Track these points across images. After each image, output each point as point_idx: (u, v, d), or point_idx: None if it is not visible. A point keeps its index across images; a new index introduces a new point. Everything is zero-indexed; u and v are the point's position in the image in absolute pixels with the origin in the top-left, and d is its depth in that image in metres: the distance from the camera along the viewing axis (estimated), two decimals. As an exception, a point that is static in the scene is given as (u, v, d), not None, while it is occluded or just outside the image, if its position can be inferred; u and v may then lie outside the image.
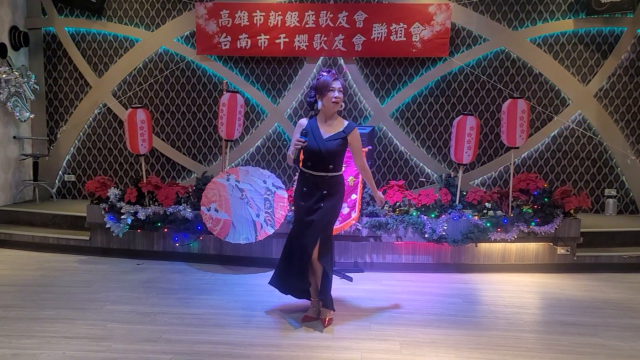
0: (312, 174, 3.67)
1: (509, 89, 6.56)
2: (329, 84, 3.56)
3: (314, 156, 3.63)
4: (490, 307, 4.24)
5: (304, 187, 3.72)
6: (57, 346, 3.37)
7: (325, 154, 3.61)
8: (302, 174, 3.76)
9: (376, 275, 5.06)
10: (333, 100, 3.57)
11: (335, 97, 3.57)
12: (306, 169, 3.70)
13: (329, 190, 3.69)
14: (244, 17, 6.51)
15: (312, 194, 3.69)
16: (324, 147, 3.60)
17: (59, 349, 3.32)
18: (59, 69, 7.02)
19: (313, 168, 3.66)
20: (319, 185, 3.68)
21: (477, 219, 5.13)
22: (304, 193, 3.72)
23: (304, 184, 3.73)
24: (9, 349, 3.32)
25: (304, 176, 3.73)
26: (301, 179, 3.77)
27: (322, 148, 3.60)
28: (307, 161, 3.68)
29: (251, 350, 3.37)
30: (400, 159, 6.80)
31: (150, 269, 5.18)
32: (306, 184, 3.72)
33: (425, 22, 6.37)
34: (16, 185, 6.77)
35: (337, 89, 3.57)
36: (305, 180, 3.72)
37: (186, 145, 6.99)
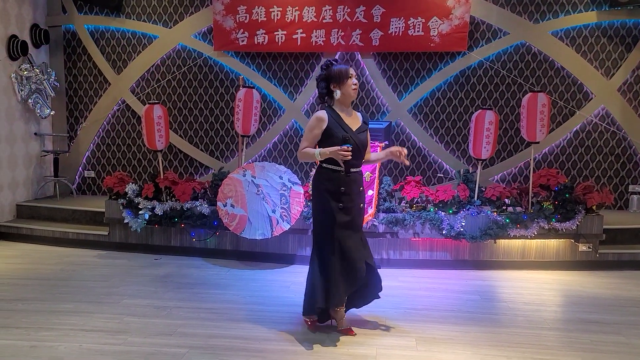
0: (349, 171, 3.38)
1: (529, 83, 6.44)
2: (348, 71, 3.39)
3: (352, 152, 3.27)
4: (509, 305, 4.16)
5: (340, 187, 3.35)
6: (74, 339, 3.40)
7: (361, 147, 3.41)
8: (333, 173, 3.37)
9: (393, 272, 5.01)
10: (353, 88, 3.41)
11: (355, 84, 3.41)
12: (340, 166, 3.35)
13: (362, 186, 3.51)
14: (261, 12, 6.50)
15: (350, 193, 3.38)
16: (359, 141, 3.38)
17: (76, 342, 3.35)
18: (78, 66, 7.10)
19: (349, 165, 3.35)
20: (356, 182, 3.43)
21: (496, 215, 5.04)
22: (342, 193, 3.35)
23: (340, 184, 3.35)
24: (28, 341, 3.36)
25: (337, 175, 3.36)
26: (333, 179, 3.37)
27: (357, 143, 3.35)
28: None
29: (266, 344, 3.36)
30: (418, 155, 6.73)
31: (167, 264, 5.21)
32: (342, 183, 3.35)
33: (444, 16, 6.28)
34: (37, 181, 6.87)
35: (354, 75, 3.43)
36: (341, 179, 3.36)
37: (203, 141, 7.02)
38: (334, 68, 3.41)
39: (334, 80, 3.41)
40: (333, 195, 3.37)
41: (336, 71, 3.39)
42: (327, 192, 3.39)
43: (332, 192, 3.37)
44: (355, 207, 3.43)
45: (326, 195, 3.39)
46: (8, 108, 6.30)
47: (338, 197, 3.36)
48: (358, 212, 3.47)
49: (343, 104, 3.46)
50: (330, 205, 3.37)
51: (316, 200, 3.48)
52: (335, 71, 3.39)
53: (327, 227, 3.40)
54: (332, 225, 3.37)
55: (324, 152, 3.29)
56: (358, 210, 3.47)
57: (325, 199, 3.39)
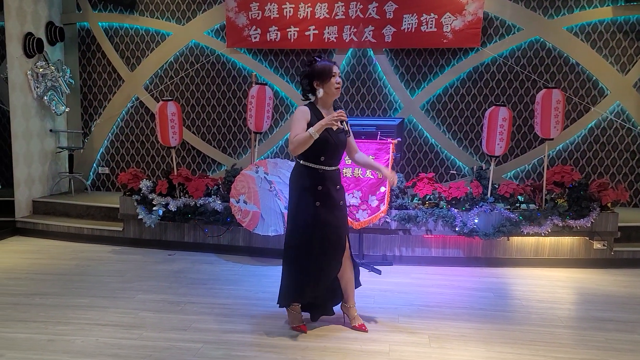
0: (326, 169, 3.38)
1: (543, 79, 6.38)
2: (331, 69, 3.32)
3: (329, 150, 3.34)
4: (522, 302, 4.15)
5: (318, 186, 3.35)
6: (90, 333, 3.44)
7: (340, 147, 3.42)
8: (311, 171, 3.36)
9: (405, 269, 5.02)
10: (336, 87, 3.35)
11: (337, 83, 3.34)
12: (318, 164, 3.35)
13: (340, 184, 3.51)
14: (273, 9, 6.51)
15: (328, 191, 3.38)
16: (338, 141, 3.38)
17: (92, 336, 3.40)
18: (92, 63, 7.16)
19: (326, 163, 3.37)
20: (334, 180, 3.43)
21: (509, 212, 5.01)
22: (319, 192, 3.35)
23: (318, 182, 3.35)
24: (45, 334, 3.41)
25: (315, 173, 3.36)
26: (311, 176, 3.36)
27: (337, 142, 3.36)
28: (320, 156, 3.34)
29: (279, 340, 3.38)
30: (430, 152, 6.71)
31: (180, 260, 5.25)
32: (320, 181, 3.36)
33: (457, 12, 6.24)
34: (52, 177, 6.95)
35: (337, 74, 3.35)
36: (319, 177, 3.36)
37: (216, 138, 7.05)
38: (317, 65, 3.34)
39: (317, 78, 3.35)
40: (311, 192, 3.36)
41: (319, 69, 3.33)
42: (304, 190, 3.38)
43: (309, 190, 3.36)
44: (333, 204, 3.41)
45: (304, 193, 3.38)
46: (24, 105, 6.38)
47: (315, 195, 3.36)
48: (338, 209, 3.44)
49: (325, 103, 3.42)
50: (309, 204, 3.35)
51: (294, 197, 3.45)
52: (319, 69, 3.33)
53: (303, 224, 3.38)
54: (308, 222, 3.35)
55: (318, 126, 3.19)
56: (337, 207, 3.44)
57: (304, 195, 3.38)
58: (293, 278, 3.45)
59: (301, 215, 3.39)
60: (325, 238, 3.38)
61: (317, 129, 3.18)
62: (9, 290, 4.25)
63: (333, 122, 3.17)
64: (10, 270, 4.79)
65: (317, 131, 3.18)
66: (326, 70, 3.32)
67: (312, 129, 3.19)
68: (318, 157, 3.34)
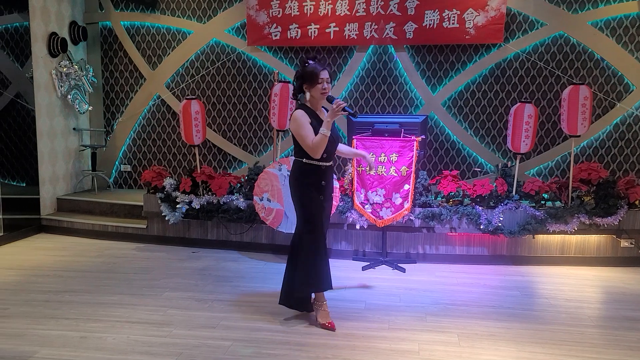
0: (327, 165, 3.58)
1: (567, 75, 6.30)
2: (318, 74, 3.40)
3: (329, 148, 3.49)
4: (550, 301, 4.11)
5: (322, 181, 3.56)
6: (121, 330, 3.48)
7: (337, 144, 3.64)
8: (315, 168, 3.52)
9: (429, 267, 5.00)
10: (321, 92, 3.44)
11: (324, 89, 3.43)
12: (321, 161, 3.51)
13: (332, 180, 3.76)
14: (294, 6, 6.50)
15: (327, 186, 3.63)
16: (336, 137, 3.63)
17: (123, 333, 3.44)
18: (115, 62, 7.22)
19: (327, 159, 3.56)
20: (331, 174, 3.68)
21: (534, 210, 4.97)
22: (322, 187, 3.57)
23: (321, 177, 3.56)
24: (77, 331, 3.46)
25: (319, 169, 3.54)
26: (315, 172, 3.54)
27: (334, 138, 3.57)
28: (323, 153, 3.47)
29: (308, 338, 3.39)
30: (452, 149, 6.66)
31: (205, 257, 5.29)
32: (323, 176, 3.57)
33: (479, 7, 6.18)
34: (76, 175, 7.03)
35: (325, 79, 3.42)
36: (321, 173, 3.56)
37: (237, 135, 7.07)
38: (307, 68, 3.44)
39: (306, 81, 3.46)
40: (315, 187, 3.55)
41: (308, 72, 3.43)
42: (309, 185, 3.55)
43: (314, 185, 3.55)
44: (329, 196, 3.72)
45: (309, 188, 3.55)
46: (49, 104, 6.46)
47: (320, 190, 3.57)
48: (330, 201, 3.76)
49: (314, 105, 3.53)
50: (315, 197, 3.56)
51: (298, 193, 3.60)
52: (308, 72, 3.43)
53: (315, 217, 3.57)
54: (319, 214, 3.58)
55: (327, 123, 3.36)
56: (330, 199, 3.76)
57: (310, 191, 3.55)
58: (313, 267, 3.54)
59: (309, 209, 3.57)
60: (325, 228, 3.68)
61: (327, 127, 3.35)
62: (38, 287, 4.32)
63: (338, 114, 3.32)
64: (38, 268, 4.86)
65: (327, 129, 3.35)
66: (314, 74, 3.42)
67: (323, 129, 3.35)
68: (322, 155, 3.49)
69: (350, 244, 5.33)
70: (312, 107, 3.53)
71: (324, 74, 3.43)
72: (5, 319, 3.63)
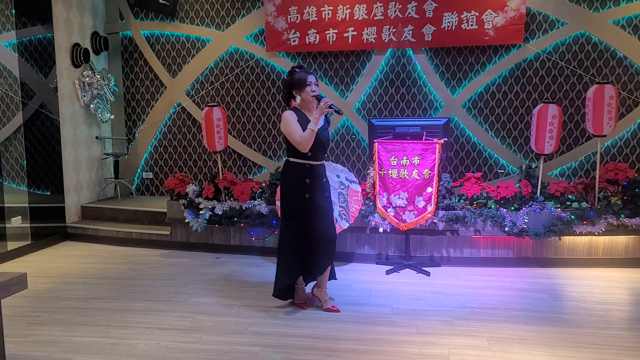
0: (313, 164, 3.83)
1: (589, 74, 6.23)
2: (306, 79, 3.78)
3: (315, 146, 3.77)
4: (580, 304, 4.06)
5: (306, 179, 3.80)
6: (151, 337, 3.52)
7: (324, 143, 3.85)
8: (300, 166, 3.82)
9: (454, 270, 4.97)
10: (311, 94, 3.78)
11: (312, 91, 3.78)
12: (305, 159, 3.80)
13: (326, 176, 3.95)
14: (312, 12, 6.53)
15: (315, 184, 3.83)
16: (322, 137, 3.82)
17: (153, 340, 3.47)
18: (135, 70, 7.31)
19: (313, 158, 3.82)
20: (320, 174, 3.87)
21: (560, 211, 4.92)
22: (307, 184, 3.80)
23: (306, 175, 3.81)
24: (108, 338, 3.50)
25: (303, 167, 3.81)
26: (299, 170, 3.82)
27: (321, 138, 3.79)
28: (307, 152, 3.78)
29: (337, 344, 3.39)
30: (473, 150, 6.62)
31: (228, 263, 5.32)
32: (307, 174, 3.81)
33: (498, 8, 6.15)
34: (99, 183, 7.13)
35: (313, 82, 3.80)
36: (306, 171, 3.81)
37: (256, 141, 7.11)
38: (295, 76, 3.83)
39: (295, 87, 3.84)
40: (300, 185, 3.81)
41: (296, 78, 3.82)
42: (293, 183, 3.84)
43: (298, 183, 3.81)
44: (320, 194, 3.86)
45: (294, 185, 3.83)
46: (72, 113, 6.56)
47: (304, 187, 3.80)
48: (324, 198, 3.89)
49: (305, 108, 3.86)
50: (297, 194, 3.81)
51: (284, 190, 3.91)
52: (296, 78, 3.82)
53: (293, 212, 3.86)
54: (298, 211, 3.82)
55: (315, 120, 3.68)
56: (324, 197, 3.89)
57: (293, 188, 3.84)
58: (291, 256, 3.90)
59: (288, 205, 3.88)
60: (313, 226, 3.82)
61: (315, 122, 3.68)
62: (68, 294, 4.38)
63: (325, 110, 3.68)
64: (66, 275, 4.93)
65: (315, 124, 3.68)
66: (302, 80, 3.80)
67: (311, 124, 3.69)
68: (305, 153, 3.79)
69: (373, 248, 5.32)
70: (303, 110, 3.86)
71: (311, 78, 3.82)
72: (39, 326, 3.69)
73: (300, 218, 3.84)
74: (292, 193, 3.85)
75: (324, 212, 3.87)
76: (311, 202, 3.81)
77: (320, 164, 3.90)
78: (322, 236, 3.86)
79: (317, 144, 3.78)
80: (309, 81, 3.80)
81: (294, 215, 3.86)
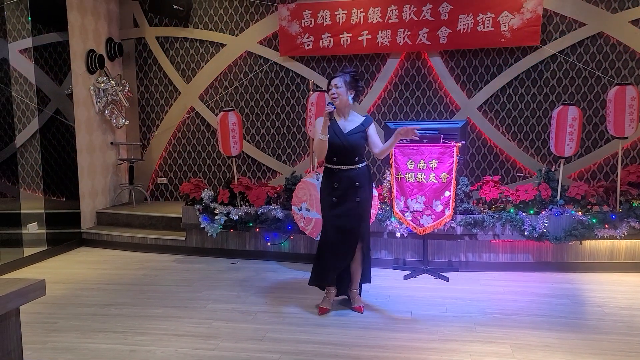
0: (341, 168, 3.82)
1: (608, 75, 6.13)
2: (329, 83, 3.82)
3: (340, 151, 3.78)
4: (603, 309, 3.96)
5: (334, 183, 3.82)
6: (168, 343, 3.49)
7: (351, 148, 3.80)
8: (329, 171, 3.87)
9: (473, 275, 4.89)
10: (331, 97, 3.78)
11: (332, 94, 3.77)
12: (333, 164, 3.84)
13: (361, 181, 3.85)
14: (326, 16, 6.50)
15: (344, 188, 3.81)
16: (348, 142, 3.78)
17: (171, 346, 3.44)
18: (149, 76, 7.33)
19: (340, 163, 3.82)
20: (351, 178, 3.82)
21: (581, 215, 4.83)
22: (336, 188, 3.82)
23: (334, 180, 3.83)
24: (126, 345, 3.47)
25: (332, 172, 3.85)
26: (330, 175, 3.87)
27: (345, 143, 3.77)
28: (333, 157, 3.82)
29: (357, 351, 3.33)
30: (489, 154, 6.54)
31: (244, 268, 5.28)
32: (336, 179, 3.82)
33: (515, 10, 6.08)
34: (114, 189, 7.14)
35: (333, 85, 3.77)
36: (334, 175, 3.83)
37: (270, 146, 7.09)
38: None
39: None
40: (330, 189, 3.85)
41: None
42: (325, 187, 3.91)
43: (328, 187, 3.87)
44: (349, 199, 3.82)
45: (325, 190, 3.91)
46: (87, 119, 6.59)
47: (333, 191, 3.83)
48: (353, 204, 3.83)
49: (339, 111, 3.86)
50: (326, 199, 3.88)
51: (320, 195, 4.01)
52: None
53: (324, 217, 3.94)
54: (328, 215, 3.88)
55: (323, 129, 3.71)
56: (353, 203, 3.83)
57: (324, 192, 3.91)
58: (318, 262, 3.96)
59: (324, 210, 3.94)
60: (340, 229, 3.83)
61: (322, 132, 3.72)
62: (84, 300, 4.37)
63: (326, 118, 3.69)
64: (82, 281, 4.92)
65: (322, 133, 3.72)
66: (328, 83, 3.85)
67: (319, 133, 3.74)
68: (331, 158, 3.83)
69: (390, 253, 5.26)
70: (338, 112, 3.86)
71: (334, 81, 3.79)
72: (56, 333, 3.68)
73: (330, 220, 3.88)
74: (323, 197, 3.93)
75: (351, 216, 3.84)
76: (339, 205, 3.82)
77: (351, 168, 3.83)
78: (348, 240, 3.86)
79: (340, 150, 3.79)
80: (331, 84, 3.80)
81: (326, 217, 3.93)
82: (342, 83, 3.77)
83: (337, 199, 3.82)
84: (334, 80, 3.79)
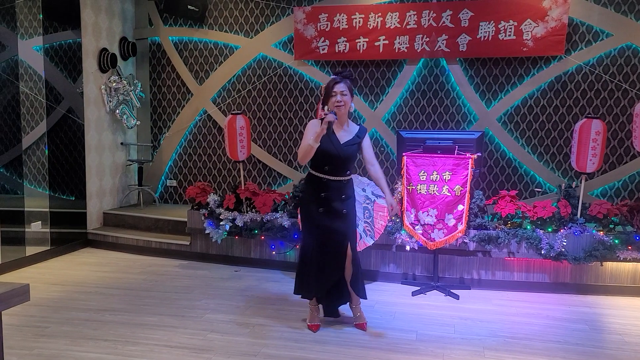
0: (330, 178, 3.62)
1: (636, 89, 5.84)
2: (331, 89, 3.52)
3: (333, 161, 3.59)
4: (624, 338, 3.70)
5: (321, 193, 3.62)
6: (159, 355, 3.33)
7: (345, 159, 3.63)
8: (317, 179, 3.65)
9: (485, 294, 4.65)
10: (335, 105, 3.53)
11: (337, 101, 3.52)
12: (323, 173, 3.62)
13: (348, 193, 3.71)
14: (342, 20, 6.34)
15: (331, 198, 3.63)
16: (344, 153, 3.61)
17: (161, 358, 3.28)
18: (162, 77, 7.25)
19: (331, 173, 3.62)
20: (339, 190, 3.65)
21: (602, 235, 4.56)
22: (322, 198, 3.62)
23: (321, 189, 3.62)
24: (115, 355, 3.33)
25: (320, 181, 3.63)
26: (316, 184, 3.65)
27: (341, 154, 3.59)
28: (324, 166, 3.61)
29: (355, 372, 3.14)
30: (507, 167, 6.29)
31: (247, 277, 5.12)
32: (324, 188, 3.62)
33: (539, 18, 5.84)
34: (122, 190, 7.05)
35: (339, 92, 3.52)
36: (322, 185, 3.63)
37: (282, 151, 6.94)
38: (326, 83, 3.60)
39: (324, 97, 3.61)
40: (315, 199, 3.63)
41: (325, 86, 3.59)
42: (310, 195, 3.68)
43: (314, 196, 3.64)
44: (336, 211, 3.63)
45: (310, 198, 3.67)
46: (98, 119, 6.52)
47: (319, 201, 3.62)
48: (340, 217, 3.65)
49: (339, 120, 3.58)
50: (311, 208, 3.65)
51: (302, 202, 3.78)
52: (325, 86, 3.60)
53: (308, 227, 3.71)
54: (312, 226, 3.66)
55: (314, 135, 3.44)
56: (340, 215, 3.64)
57: (307, 200, 3.69)
58: (299, 274, 3.79)
59: (307, 219, 3.70)
60: (325, 242, 3.64)
61: (315, 138, 3.44)
62: (80, 304, 4.25)
63: (324, 128, 3.39)
64: (81, 284, 4.81)
65: (315, 140, 3.44)
66: (328, 87, 3.55)
67: (311, 139, 3.46)
68: (322, 167, 3.61)
69: (399, 267, 5.05)
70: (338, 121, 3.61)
71: (338, 87, 3.51)
72: (45, 339, 3.55)
73: (314, 231, 3.68)
74: (308, 205, 3.70)
75: (338, 230, 3.66)
76: (325, 216, 3.63)
77: (340, 179, 3.66)
78: (335, 253, 3.68)
79: (334, 160, 3.59)
80: (334, 91, 3.52)
81: (305, 228, 3.76)
82: (347, 89, 3.56)
83: (323, 209, 3.63)
84: (338, 86, 3.53)
